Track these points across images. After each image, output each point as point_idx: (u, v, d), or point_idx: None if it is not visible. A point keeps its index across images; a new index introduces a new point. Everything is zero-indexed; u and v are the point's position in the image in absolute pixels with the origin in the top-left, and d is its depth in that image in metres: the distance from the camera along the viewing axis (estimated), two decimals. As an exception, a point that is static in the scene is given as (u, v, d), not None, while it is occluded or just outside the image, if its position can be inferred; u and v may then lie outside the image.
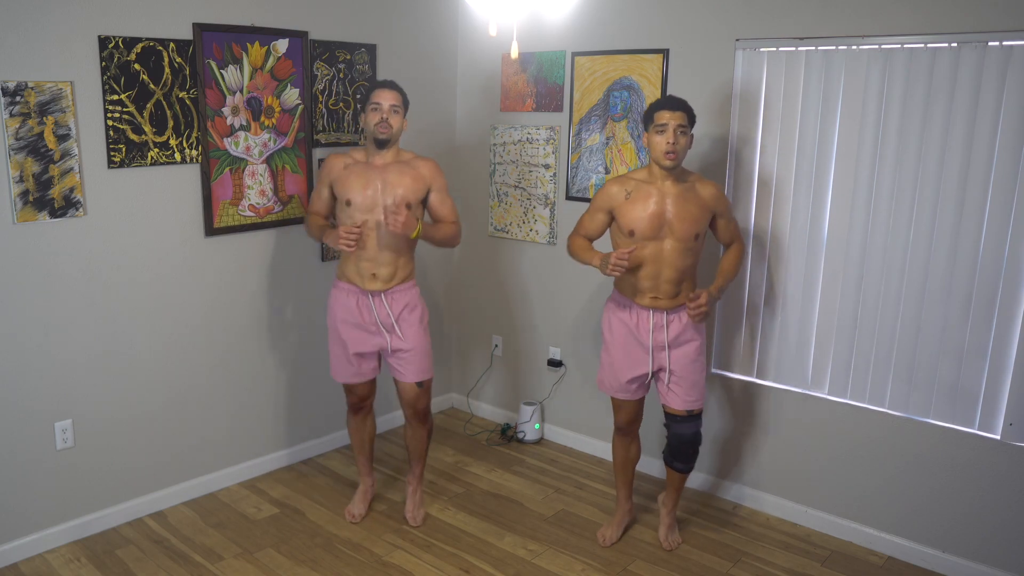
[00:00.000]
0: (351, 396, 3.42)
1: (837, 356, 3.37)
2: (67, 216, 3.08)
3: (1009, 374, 2.98)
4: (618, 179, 3.11)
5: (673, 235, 3.01)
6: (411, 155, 3.29)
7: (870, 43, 3.08)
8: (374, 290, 3.22)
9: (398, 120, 3.15)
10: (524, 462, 4.12)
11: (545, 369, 4.34)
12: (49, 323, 3.11)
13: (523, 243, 4.30)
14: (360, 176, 3.17)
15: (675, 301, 3.10)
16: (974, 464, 3.09)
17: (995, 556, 3.09)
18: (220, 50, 3.41)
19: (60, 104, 2.99)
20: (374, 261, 3.19)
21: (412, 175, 3.21)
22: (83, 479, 3.30)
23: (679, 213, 3.00)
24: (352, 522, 3.49)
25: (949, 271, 3.05)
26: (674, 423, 3.21)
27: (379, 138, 3.14)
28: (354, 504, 3.55)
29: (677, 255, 3.03)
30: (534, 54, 4.06)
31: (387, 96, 3.13)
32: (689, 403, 3.16)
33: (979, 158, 2.93)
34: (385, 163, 3.20)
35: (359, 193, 3.15)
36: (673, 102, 2.96)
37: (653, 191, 3.02)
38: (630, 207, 3.03)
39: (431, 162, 3.29)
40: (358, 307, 3.24)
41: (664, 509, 3.42)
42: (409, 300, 3.28)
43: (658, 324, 3.12)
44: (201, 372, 3.61)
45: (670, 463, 3.28)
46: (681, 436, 3.20)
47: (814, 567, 3.24)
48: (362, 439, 3.51)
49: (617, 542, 3.38)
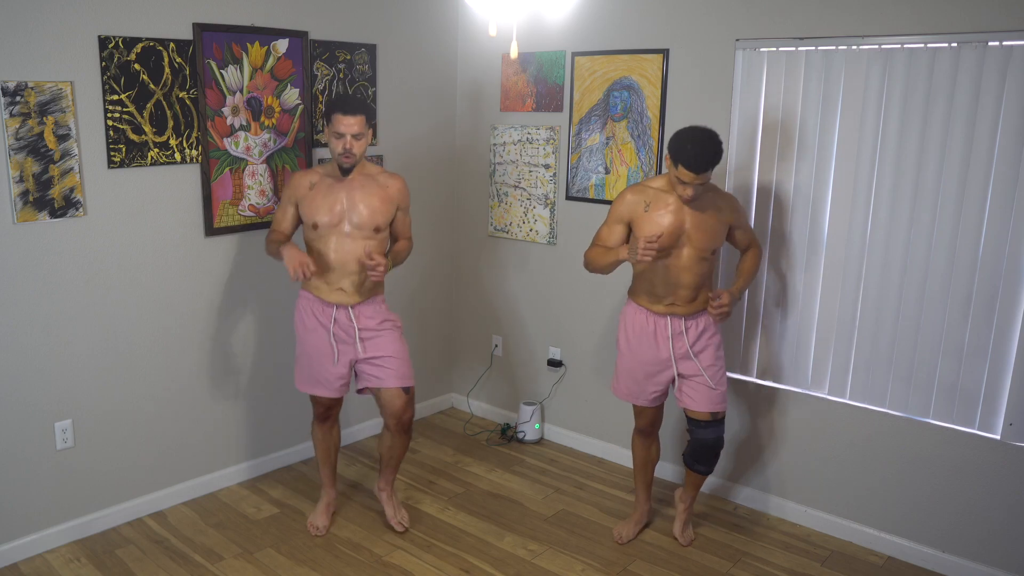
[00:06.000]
0: (317, 406, 3.33)
1: (837, 356, 3.37)
2: (67, 216, 3.08)
3: (1009, 374, 2.98)
4: (635, 188, 3.08)
5: (691, 244, 3.00)
6: (378, 169, 3.23)
7: (870, 43, 3.08)
8: (340, 303, 3.17)
9: (362, 144, 3.06)
10: (524, 462, 4.12)
11: (545, 369, 4.34)
12: (49, 323, 3.11)
13: (523, 243, 4.30)
14: (326, 196, 3.11)
15: (692, 307, 3.08)
16: (974, 464, 3.09)
17: (995, 556, 3.09)
18: (220, 50, 3.41)
19: (60, 104, 2.99)
20: (341, 274, 3.14)
21: (381, 196, 3.16)
22: (83, 479, 3.30)
23: (698, 224, 2.99)
24: (317, 535, 3.38)
25: (949, 271, 3.05)
26: (697, 428, 3.18)
27: (343, 166, 3.09)
28: (316, 516, 3.44)
29: (694, 263, 3.02)
30: (534, 54, 4.06)
31: (350, 124, 3.00)
32: (713, 406, 3.14)
33: (979, 158, 2.93)
34: (351, 178, 3.15)
35: (326, 214, 3.10)
36: (699, 162, 2.80)
37: (672, 200, 2.99)
38: (649, 219, 3.00)
39: (400, 181, 3.24)
40: (324, 317, 3.19)
41: (682, 505, 3.40)
42: (376, 312, 3.24)
43: (676, 331, 3.10)
44: (201, 372, 3.61)
45: (691, 465, 3.26)
46: (704, 441, 3.18)
47: (814, 567, 3.24)
48: (327, 449, 3.42)
49: (633, 540, 3.38)
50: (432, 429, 4.51)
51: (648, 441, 3.34)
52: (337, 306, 3.18)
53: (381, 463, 3.43)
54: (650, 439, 3.34)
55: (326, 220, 3.11)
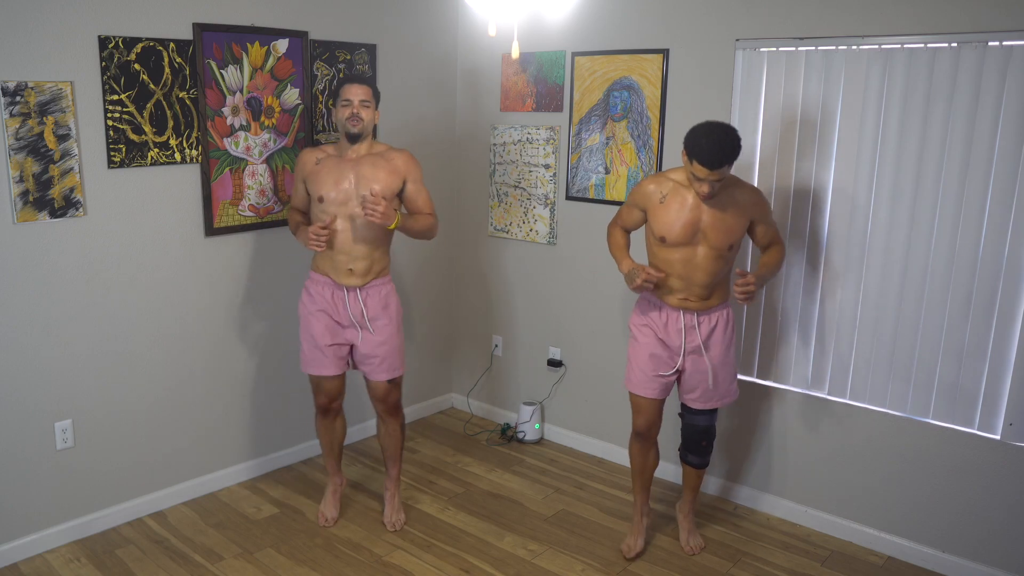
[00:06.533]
0: (319, 396, 3.34)
1: (837, 356, 3.37)
2: (67, 216, 3.08)
3: (1009, 374, 2.98)
4: (655, 177, 3.06)
5: (707, 242, 2.96)
6: (385, 147, 3.25)
7: (870, 43, 3.08)
8: (350, 285, 3.20)
9: (369, 113, 3.12)
10: (524, 462, 4.12)
11: (545, 369, 4.34)
12: (49, 323, 3.11)
13: (523, 243, 4.30)
14: (332, 171, 3.14)
15: (706, 303, 3.05)
16: (974, 464, 3.09)
17: (995, 556, 3.09)
18: (220, 50, 3.41)
19: (60, 104, 2.99)
20: (349, 255, 3.17)
21: (387, 168, 3.17)
22: (83, 479, 3.30)
23: (714, 222, 2.93)
24: (325, 526, 3.42)
25: (949, 271, 3.05)
26: (688, 413, 3.21)
27: (351, 132, 3.11)
28: (325, 506, 3.49)
29: (710, 261, 2.97)
30: (534, 54, 4.06)
31: (357, 91, 3.09)
32: (707, 403, 3.16)
33: (979, 158, 2.93)
34: (359, 156, 3.17)
35: (332, 188, 3.12)
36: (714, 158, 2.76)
37: (690, 196, 2.95)
38: (663, 211, 2.98)
39: (406, 153, 3.25)
40: (332, 300, 3.22)
41: (681, 514, 3.39)
42: (384, 296, 3.26)
43: (689, 325, 3.07)
44: (202, 372, 3.61)
45: (684, 457, 3.27)
46: (695, 426, 3.20)
47: (814, 567, 3.24)
48: (331, 441, 3.44)
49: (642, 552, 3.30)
50: (432, 429, 4.51)
51: (646, 447, 3.24)
52: (347, 288, 3.20)
53: (384, 457, 3.49)
54: (647, 444, 3.24)
55: (332, 195, 3.12)
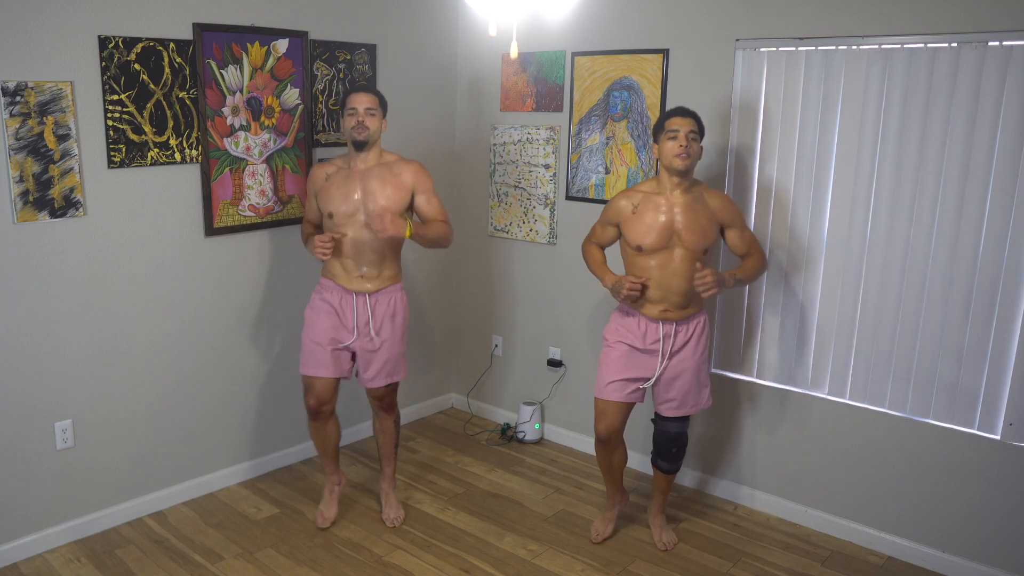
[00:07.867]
0: (309, 398, 3.26)
1: (837, 356, 3.37)
2: (67, 216, 3.08)
3: (1009, 374, 2.98)
4: (626, 192, 3.13)
5: (683, 244, 3.00)
6: (395, 157, 3.26)
7: (870, 43, 3.08)
8: (360, 291, 3.22)
9: (375, 121, 3.14)
10: (524, 462, 4.12)
11: (545, 369, 4.34)
12: (49, 323, 3.11)
13: (523, 243, 4.30)
14: (341, 186, 3.17)
15: (684, 312, 3.09)
16: (974, 464, 3.09)
17: (995, 556, 3.09)
18: (220, 50, 3.41)
19: (60, 104, 2.99)
20: (359, 262, 3.20)
21: (394, 183, 3.18)
22: (83, 479, 3.30)
23: (688, 224, 2.99)
24: (323, 526, 3.41)
25: (949, 271, 3.05)
26: (660, 420, 3.24)
27: (356, 140, 3.13)
28: (324, 505, 3.48)
29: (687, 266, 3.00)
30: (534, 54, 4.06)
31: (362, 100, 3.12)
32: (682, 412, 3.20)
33: (979, 158, 2.93)
34: (367, 167, 3.18)
35: (340, 204, 3.15)
36: (684, 110, 3.00)
37: (661, 202, 3.02)
38: (637, 221, 3.03)
39: (415, 165, 3.25)
40: (340, 306, 3.24)
41: (651, 515, 3.42)
42: (392, 304, 3.27)
43: (666, 334, 3.10)
44: (202, 372, 3.61)
45: (655, 462, 3.30)
46: (667, 433, 3.23)
47: (814, 567, 3.24)
48: (324, 444, 3.40)
49: (610, 537, 3.38)
50: (432, 429, 4.51)
51: (608, 450, 3.23)
52: (356, 294, 3.22)
53: (380, 454, 3.51)
54: (609, 448, 3.22)
55: (342, 209, 3.15)
